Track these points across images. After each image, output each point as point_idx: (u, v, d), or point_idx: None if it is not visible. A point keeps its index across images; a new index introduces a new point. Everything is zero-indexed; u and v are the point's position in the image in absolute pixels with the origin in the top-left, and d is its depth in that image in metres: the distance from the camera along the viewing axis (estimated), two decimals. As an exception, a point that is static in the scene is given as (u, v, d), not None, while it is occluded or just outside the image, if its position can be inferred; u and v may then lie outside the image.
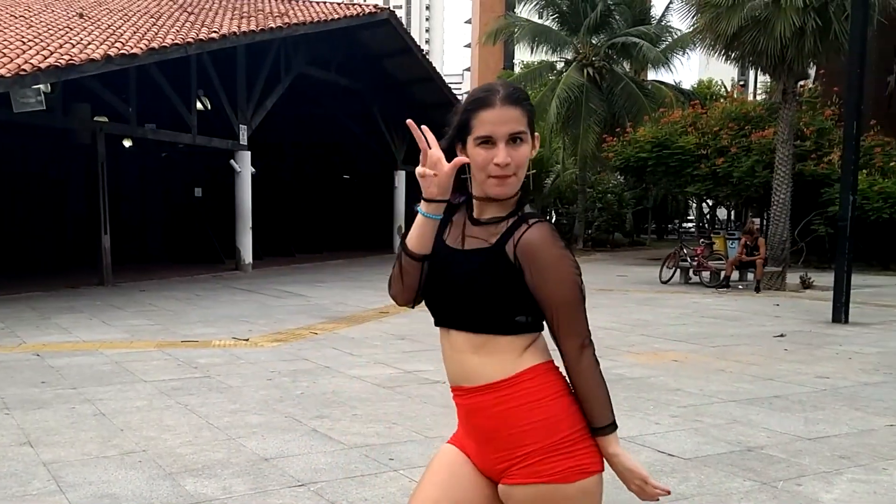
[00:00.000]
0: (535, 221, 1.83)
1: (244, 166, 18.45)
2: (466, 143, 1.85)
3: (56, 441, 4.88)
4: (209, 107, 19.77)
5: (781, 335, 9.55)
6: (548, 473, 1.79)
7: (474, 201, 1.92)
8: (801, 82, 20.12)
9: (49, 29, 15.13)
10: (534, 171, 1.91)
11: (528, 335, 1.90)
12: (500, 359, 1.85)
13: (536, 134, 1.89)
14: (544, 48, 30.00)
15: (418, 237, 1.87)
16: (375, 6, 21.48)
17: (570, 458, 1.81)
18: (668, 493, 1.88)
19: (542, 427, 1.81)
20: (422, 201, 1.85)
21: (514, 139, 1.81)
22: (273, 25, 17.16)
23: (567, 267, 1.85)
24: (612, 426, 1.86)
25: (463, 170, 1.88)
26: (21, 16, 16.78)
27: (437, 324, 1.94)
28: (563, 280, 1.85)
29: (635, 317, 11.36)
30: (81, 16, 17.11)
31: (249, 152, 18.44)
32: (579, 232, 30.86)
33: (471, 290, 1.83)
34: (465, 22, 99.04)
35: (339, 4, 21.84)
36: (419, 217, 1.86)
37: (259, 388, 6.37)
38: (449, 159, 1.84)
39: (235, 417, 5.47)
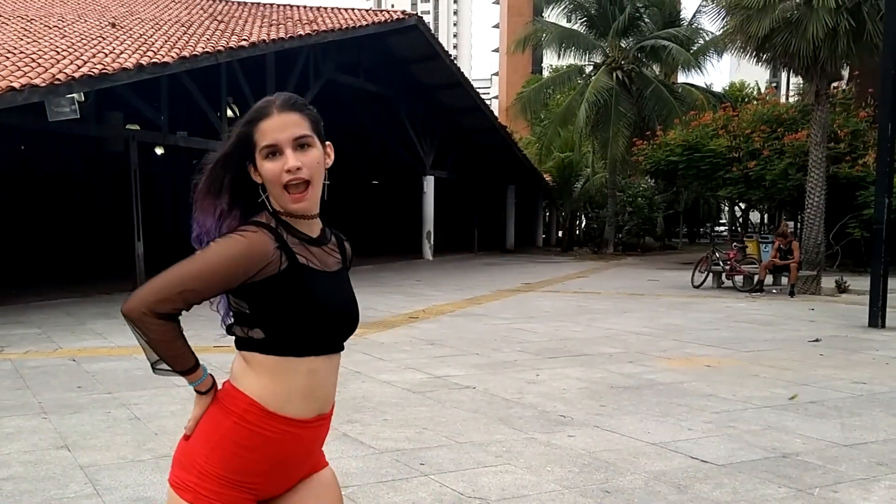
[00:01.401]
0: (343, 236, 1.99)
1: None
2: (256, 160, 1.79)
3: (92, 445, 4.94)
4: (239, 114, 19.96)
5: (816, 340, 9.42)
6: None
7: (288, 219, 1.82)
8: (835, 84, 19.87)
9: (82, 39, 15.36)
10: (327, 182, 1.85)
11: None
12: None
13: (328, 143, 1.86)
14: (572, 52, 29.93)
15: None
16: (403, 12, 21.56)
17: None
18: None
19: None
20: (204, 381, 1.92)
21: (300, 145, 1.77)
22: (302, 33, 17.29)
23: None
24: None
25: (258, 193, 1.82)
26: (55, 26, 17.06)
27: (327, 351, 1.83)
28: None
29: (667, 321, 11.27)
30: (114, 25, 17.36)
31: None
32: (609, 236, 30.69)
33: (358, 311, 1.93)
34: (493, 26, 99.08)
35: (367, 11, 21.98)
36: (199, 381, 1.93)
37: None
38: (239, 180, 1.82)
39: (267, 422, 5.49)
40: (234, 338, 1.88)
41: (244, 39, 15.88)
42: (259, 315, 1.79)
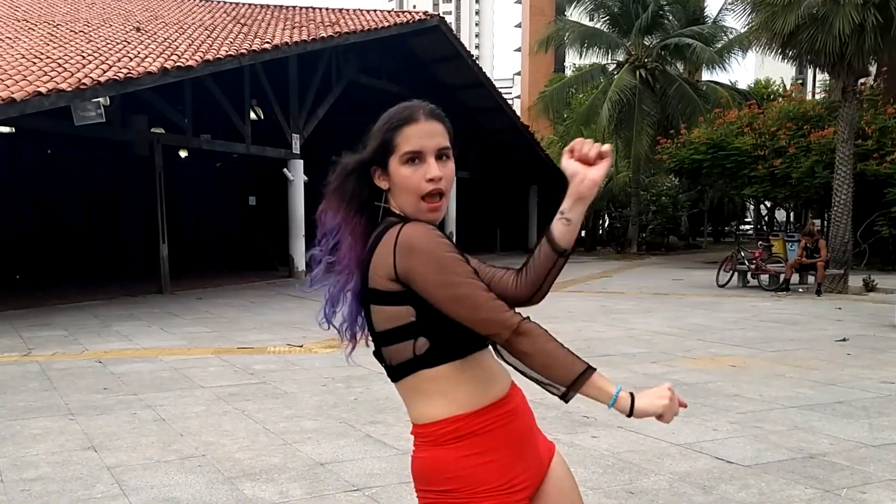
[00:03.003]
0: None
1: (297, 175, 18.67)
2: (388, 166, 1.73)
3: (118, 446, 4.99)
4: (262, 116, 20.07)
5: (844, 339, 9.31)
6: None
7: None
8: (862, 80, 19.59)
9: (108, 43, 15.52)
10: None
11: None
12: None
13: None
14: (595, 50, 29.82)
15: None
16: (425, 13, 21.57)
17: None
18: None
19: None
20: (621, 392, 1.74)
21: (441, 155, 1.73)
22: (324, 35, 17.35)
23: None
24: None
25: (378, 197, 1.78)
26: (81, 31, 17.25)
27: (487, 340, 1.76)
28: None
29: (692, 321, 11.19)
30: (138, 30, 17.52)
31: (302, 161, 18.65)
32: (633, 235, 30.53)
33: None
34: (515, 26, 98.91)
35: (389, 12, 22.03)
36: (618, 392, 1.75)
37: (314, 394, 6.43)
38: (362, 185, 1.76)
39: (291, 423, 5.53)
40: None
41: (267, 42, 15.97)
42: (426, 319, 1.68)
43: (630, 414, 1.68)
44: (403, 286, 1.66)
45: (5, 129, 15.63)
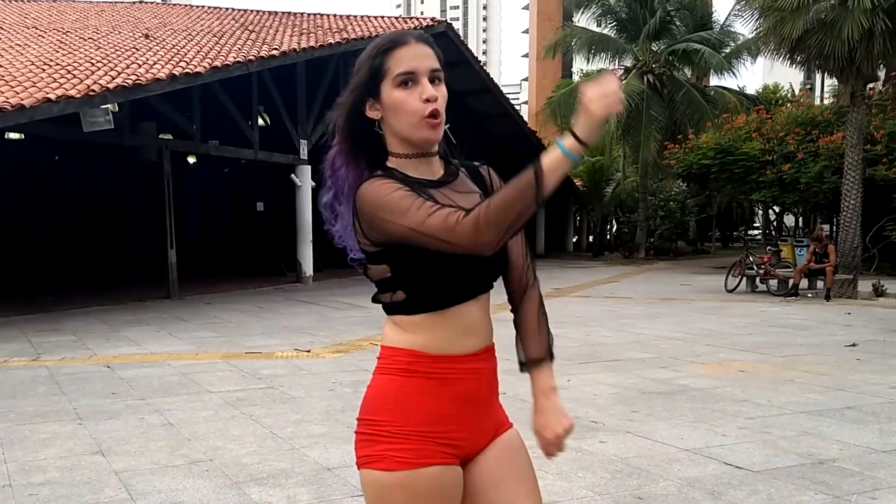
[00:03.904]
0: (482, 162, 1.88)
1: (305, 180, 18.71)
2: (380, 93, 1.70)
3: (126, 450, 5.00)
4: (270, 122, 20.13)
5: (853, 344, 9.26)
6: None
7: (403, 161, 1.73)
8: (871, 85, 19.54)
9: (116, 50, 15.60)
10: (447, 124, 1.76)
11: None
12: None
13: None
14: (603, 56, 29.82)
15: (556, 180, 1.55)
16: (433, 19, 21.64)
17: None
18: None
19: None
20: (571, 137, 1.50)
21: (433, 78, 1.70)
22: (332, 41, 17.41)
23: None
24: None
25: (372, 133, 1.74)
26: (90, 38, 17.34)
27: (471, 296, 1.72)
28: None
29: (700, 326, 11.15)
30: (147, 37, 17.61)
31: (310, 167, 18.69)
32: (641, 240, 30.48)
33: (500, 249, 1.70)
34: (523, 32, 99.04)
35: (396, 18, 22.09)
36: (564, 157, 1.51)
37: (321, 399, 6.43)
38: (355, 122, 1.73)
39: (298, 428, 5.53)
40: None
41: (275, 49, 16.03)
42: (400, 277, 1.70)
43: (584, 143, 1.50)
44: (378, 246, 1.68)
45: (15, 136, 15.72)
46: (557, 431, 1.84)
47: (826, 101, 30.16)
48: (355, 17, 21.95)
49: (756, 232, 46.88)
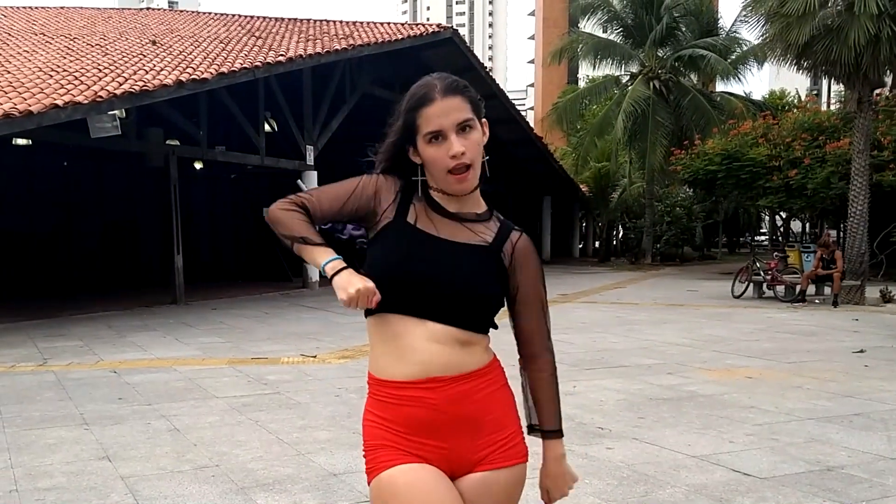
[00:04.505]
0: (521, 231, 1.94)
1: (311, 186, 18.71)
2: (417, 144, 1.83)
3: (133, 455, 5.00)
4: (276, 128, 20.16)
5: (861, 351, 9.23)
6: (524, 454, 1.91)
7: (436, 195, 1.88)
8: (877, 90, 19.49)
9: (124, 56, 15.66)
10: (486, 157, 1.88)
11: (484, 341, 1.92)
12: (475, 350, 1.86)
13: (484, 120, 1.88)
14: (609, 62, 29.83)
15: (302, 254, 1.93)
16: (439, 25, 21.64)
17: (524, 441, 1.93)
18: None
19: (514, 410, 1.92)
20: (334, 262, 1.85)
21: (462, 128, 1.80)
22: (338, 47, 17.43)
23: (544, 279, 1.95)
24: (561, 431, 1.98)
25: (415, 171, 1.88)
26: (97, 44, 17.41)
27: (407, 312, 1.82)
28: (545, 289, 1.95)
29: (707, 332, 11.12)
30: (154, 43, 17.67)
31: (316, 172, 18.72)
32: (647, 246, 30.44)
33: (472, 286, 1.83)
34: (529, 38, 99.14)
35: (402, 25, 22.12)
36: (327, 263, 1.86)
37: (327, 405, 6.43)
38: (398, 161, 1.88)
39: (304, 433, 5.53)
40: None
41: (281, 55, 16.06)
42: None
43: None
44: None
45: (22, 142, 15.77)
46: (564, 492, 1.96)
47: (833, 107, 30.13)
48: (361, 23, 21.98)
49: (763, 238, 46.75)
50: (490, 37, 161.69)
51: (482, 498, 1.85)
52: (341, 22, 22.32)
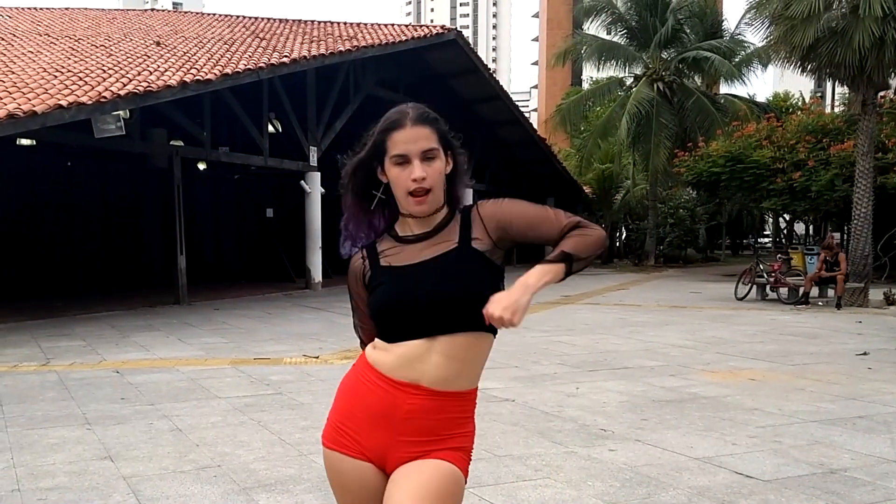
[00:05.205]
0: (476, 202, 2.05)
1: (314, 187, 18.75)
2: (385, 164, 1.97)
3: (135, 455, 5.00)
4: (280, 129, 20.19)
5: (865, 353, 9.21)
6: (462, 463, 1.99)
7: (400, 221, 2.04)
8: (882, 93, 19.46)
9: (128, 57, 15.68)
10: (475, 183, 1.98)
11: (489, 346, 2.03)
12: (473, 367, 2.00)
13: (462, 152, 2.04)
14: (613, 64, 29.81)
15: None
16: (443, 27, 21.64)
17: (467, 459, 2.03)
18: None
19: (470, 435, 2.05)
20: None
21: (427, 156, 1.93)
22: (342, 49, 17.44)
23: (530, 202, 2.06)
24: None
25: (376, 186, 2.04)
26: (101, 45, 17.44)
27: (413, 336, 1.95)
28: (527, 205, 2.04)
29: (710, 334, 11.11)
30: (158, 44, 17.70)
31: (319, 173, 18.73)
32: (650, 248, 30.40)
33: (458, 288, 1.93)
34: (533, 40, 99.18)
35: (406, 26, 22.11)
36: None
37: (329, 405, 6.41)
38: (364, 175, 2.03)
39: (307, 434, 5.52)
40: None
41: (285, 56, 16.08)
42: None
43: None
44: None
45: (27, 142, 15.82)
46: (489, 310, 1.83)
47: (837, 110, 30.10)
48: (365, 24, 22.00)
49: (766, 240, 46.70)
50: (494, 38, 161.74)
51: (405, 479, 1.93)
52: (345, 23, 22.35)
